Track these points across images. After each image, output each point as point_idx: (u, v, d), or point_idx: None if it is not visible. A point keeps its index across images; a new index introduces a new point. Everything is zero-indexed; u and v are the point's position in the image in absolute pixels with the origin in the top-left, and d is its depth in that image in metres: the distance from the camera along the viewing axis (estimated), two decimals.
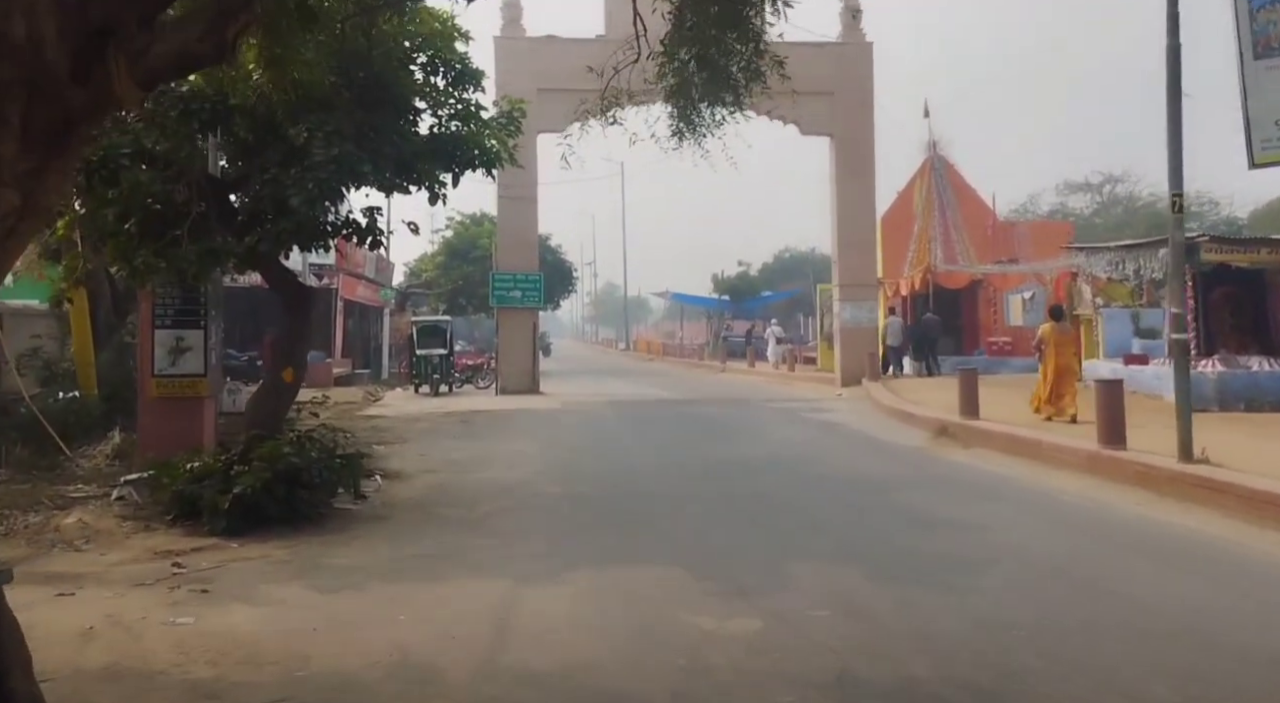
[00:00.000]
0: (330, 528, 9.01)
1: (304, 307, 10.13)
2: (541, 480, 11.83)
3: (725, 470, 12.50)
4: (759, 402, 23.80)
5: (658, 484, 11.53)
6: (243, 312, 35.34)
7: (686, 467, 12.96)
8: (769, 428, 17.84)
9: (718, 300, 56.44)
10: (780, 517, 9.42)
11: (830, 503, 10.14)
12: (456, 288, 41.27)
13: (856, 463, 13.15)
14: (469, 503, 10.28)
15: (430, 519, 9.47)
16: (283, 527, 8.84)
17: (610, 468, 13.00)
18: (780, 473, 12.30)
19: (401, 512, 9.84)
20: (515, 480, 11.80)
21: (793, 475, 12.08)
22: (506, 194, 26.14)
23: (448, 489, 11.28)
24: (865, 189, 27.22)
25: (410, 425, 18.91)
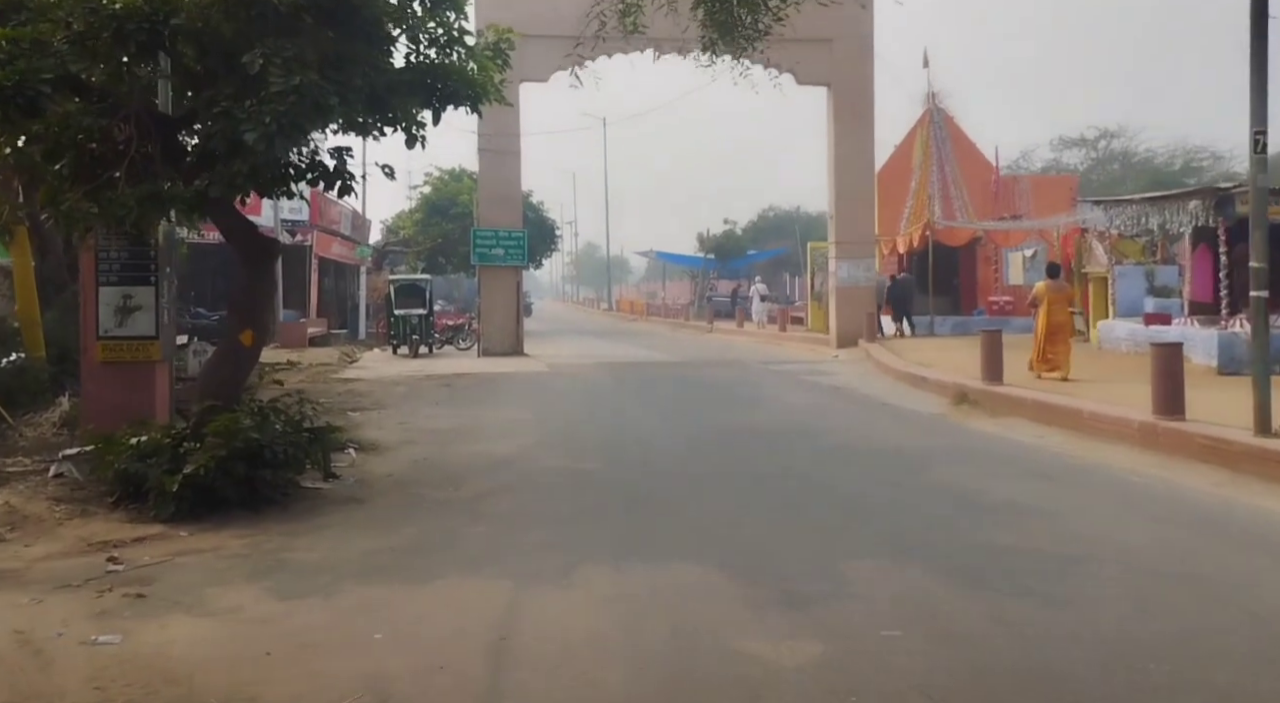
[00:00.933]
0: (296, 513, 7.82)
1: (265, 261, 8.81)
2: (538, 454, 10.66)
3: (739, 442, 11.37)
4: (755, 364, 22.69)
5: (669, 458, 10.37)
6: (214, 268, 33.95)
7: (696, 437, 11.82)
8: (773, 392, 16.73)
9: (703, 259, 55.17)
10: (814, 498, 8.29)
11: (864, 481, 9.01)
12: (436, 246, 39.83)
13: (879, 433, 12.04)
14: (457, 482, 9.11)
15: (413, 502, 8.29)
16: (241, 512, 7.67)
17: (612, 439, 11.83)
18: (801, 444, 11.17)
19: (379, 492, 8.66)
20: (508, 454, 10.62)
21: (815, 447, 10.95)
22: (488, 146, 24.76)
23: (432, 465, 10.10)
24: (863, 142, 25.96)
25: (389, 389, 17.70)
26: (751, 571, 6.02)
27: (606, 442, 11.57)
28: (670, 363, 23.60)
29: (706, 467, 9.88)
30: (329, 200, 37.14)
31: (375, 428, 12.75)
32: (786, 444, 11.23)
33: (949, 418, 12.97)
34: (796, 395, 16.21)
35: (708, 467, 9.88)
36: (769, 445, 11.14)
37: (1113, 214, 18.16)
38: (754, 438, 11.70)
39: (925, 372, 16.67)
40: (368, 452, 10.79)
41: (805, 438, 11.67)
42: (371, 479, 9.25)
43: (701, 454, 10.67)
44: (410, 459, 10.39)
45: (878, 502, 8.10)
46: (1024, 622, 5.03)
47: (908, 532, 7.02)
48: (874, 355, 21.56)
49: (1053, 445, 10.67)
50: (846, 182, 25.82)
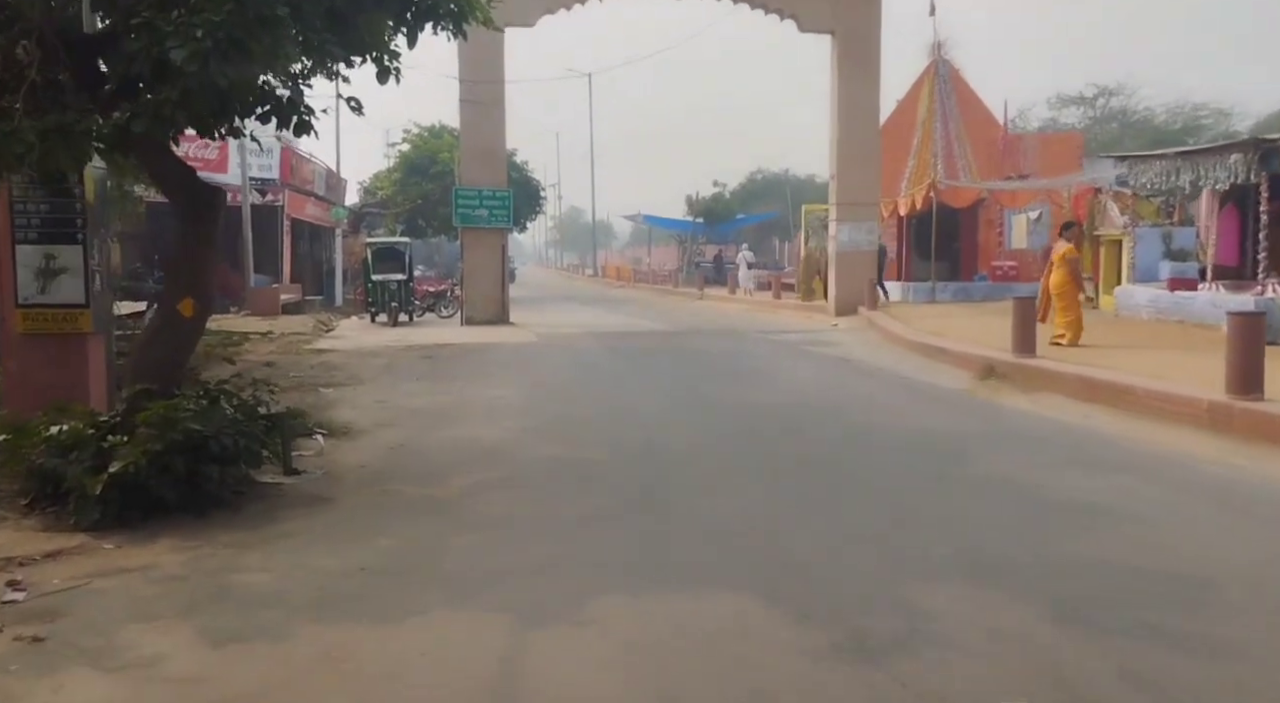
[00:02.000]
0: (250, 517, 6.64)
1: (207, 215, 7.45)
2: (531, 439, 9.46)
3: (751, 423, 10.21)
4: (752, 333, 21.53)
5: (677, 444, 9.18)
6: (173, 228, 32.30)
7: (704, 418, 10.67)
8: (778, 365, 15.57)
9: (692, 223, 53.80)
10: (850, 495, 7.13)
11: (902, 472, 7.86)
12: (415, 207, 38.31)
13: (903, 412, 10.90)
14: (440, 475, 7.92)
15: (388, 502, 7.10)
16: (183, 517, 6.48)
17: (612, 420, 10.64)
18: (819, 426, 10.03)
19: (350, 489, 7.46)
20: (498, 440, 9.44)
21: (839, 430, 9.81)
22: (470, 97, 23.34)
23: (411, 453, 8.91)
24: (869, 95, 24.65)
25: (365, 362, 16.46)
26: (799, 599, 4.87)
27: (605, 424, 10.39)
28: (664, 332, 22.39)
29: (720, 455, 8.71)
30: (301, 157, 35.67)
31: (349, 407, 11.56)
32: (804, 426, 10.09)
33: (976, 394, 11.84)
34: (803, 368, 15.06)
35: (722, 455, 8.71)
36: (785, 427, 9.99)
37: (1138, 171, 17.02)
38: (767, 418, 10.55)
39: (940, 342, 15.53)
40: (339, 437, 9.60)
41: (823, 418, 10.54)
42: (341, 472, 8.06)
43: (712, 439, 9.50)
44: (387, 446, 9.20)
45: (925, 500, 6.96)
46: (1171, 681, 3.89)
47: (974, 542, 5.87)
48: (878, 324, 20.45)
49: (1104, 427, 9.55)
50: (850, 138, 24.54)
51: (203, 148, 31.31)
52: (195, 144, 31.52)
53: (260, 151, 31.01)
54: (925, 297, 25.41)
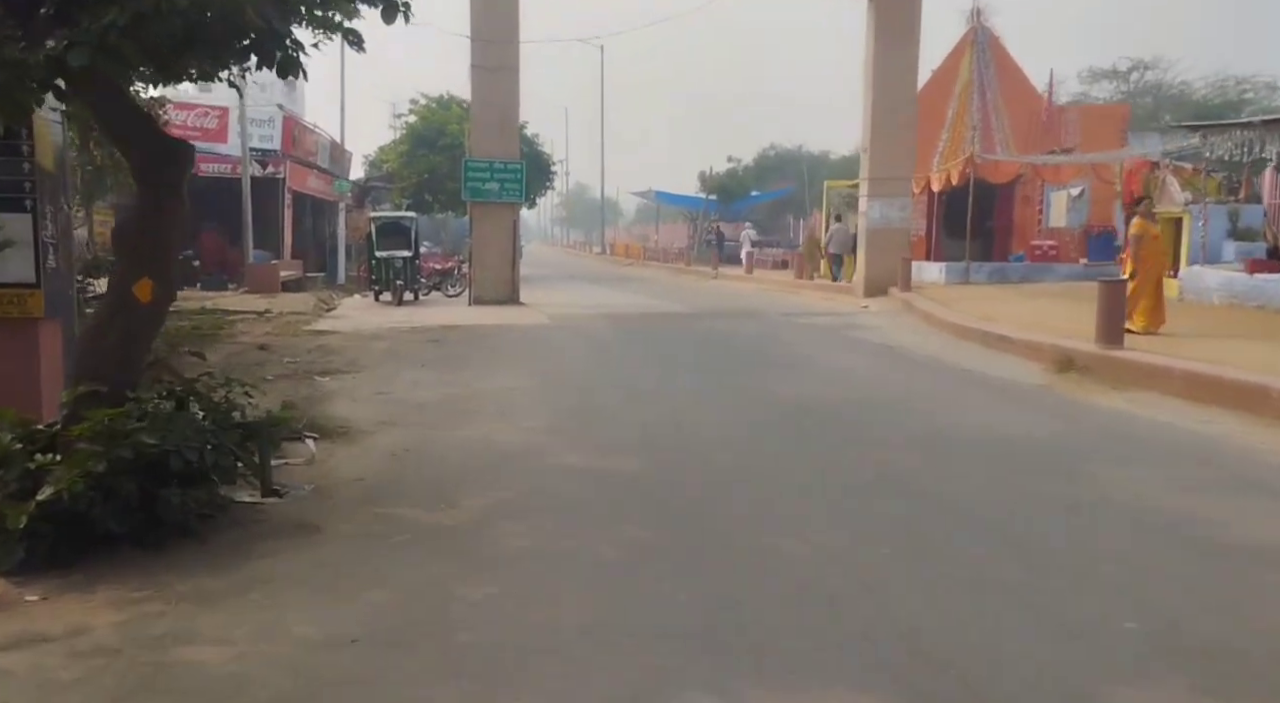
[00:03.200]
0: (218, 552, 5.35)
1: (170, 174, 6.08)
2: (553, 443, 8.14)
3: (804, 425, 8.89)
4: (777, 316, 20.17)
5: (722, 451, 7.85)
6: None
7: (746, 415, 9.33)
8: (816, 352, 14.23)
9: (704, 200, 52.32)
10: (963, 531, 5.74)
11: (1018, 497, 6.46)
12: (422, 181, 36.89)
13: (981, 413, 9.55)
14: (448, 492, 6.60)
15: (386, 532, 5.78)
16: (133, 553, 5.20)
17: (641, 418, 9.31)
18: (885, 429, 8.69)
19: (342, 512, 6.16)
20: (513, 443, 8.13)
21: (909, 434, 8.47)
22: (482, 62, 21.91)
23: (415, 462, 7.59)
24: (907, 63, 23.17)
25: (367, 346, 15.15)
26: None
27: (633, 423, 9.05)
28: (683, 314, 21.03)
29: (776, 465, 7.38)
30: (304, 128, 34.25)
31: (346, 400, 10.28)
32: (866, 429, 8.77)
33: (1056, 390, 10.49)
34: (843, 356, 13.71)
35: (777, 465, 7.38)
36: (845, 431, 8.67)
37: (1213, 142, 15.57)
38: (817, 417, 9.23)
39: (997, 328, 14.14)
40: (333, 439, 8.31)
41: (885, 418, 9.21)
42: (334, 487, 6.77)
43: (759, 443, 8.18)
44: (388, 452, 7.90)
45: (1060, 540, 5.60)
46: None
47: (1162, 611, 4.52)
48: (917, 307, 19.10)
49: (1240, 437, 8.14)
50: (885, 110, 23.07)
51: (202, 117, 30.07)
52: (194, 112, 30.23)
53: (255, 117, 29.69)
54: (959, 277, 24.00)
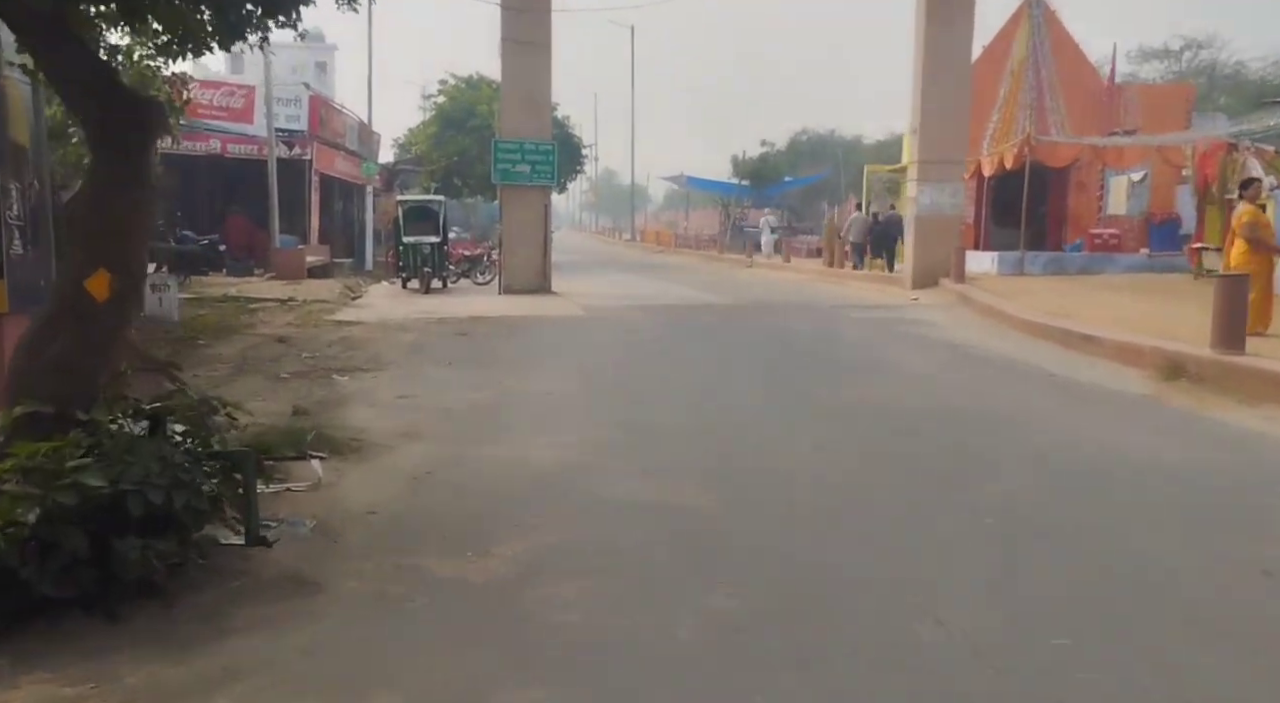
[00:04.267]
0: (186, 622, 4.25)
1: (134, 140, 4.85)
2: (601, 467, 6.98)
3: (901, 444, 7.69)
4: (826, 307, 18.94)
5: (817, 484, 6.59)
6: (204, 183, 30.15)
7: (827, 431, 8.11)
8: (880, 351, 13.00)
9: (736, 186, 50.91)
10: (1151, 608, 4.46)
11: (1193, 553, 5.20)
12: (451, 165, 35.75)
13: (1095, 430, 8.28)
14: (479, 532, 5.46)
15: (401, 593, 4.64)
16: (79, 623, 4.11)
17: (703, 432, 8.12)
18: (992, 449, 7.47)
19: (349, 561, 5.03)
20: (554, 464, 6.98)
21: (1022, 458, 7.22)
22: (512, 36, 20.69)
23: (439, 488, 6.47)
24: (961, 39, 21.73)
25: (392, 338, 14.07)
26: None
27: (694, 440, 7.88)
28: (726, 307, 19.78)
29: (880, 505, 6.15)
30: (332, 108, 33.16)
31: (365, 404, 9.21)
32: (965, 450, 7.55)
33: (1169, 402, 9.21)
34: (912, 356, 12.47)
35: (882, 505, 6.15)
36: (942, 453, 7.45)
37: None
38: (908, 435, 8.02)
39: (1082, 327, 12.81)
40: (345, 456, 7.21)
41: (983, 436, 7.98)
42: (341, 522, 5.66)
43: (854, 472, 6.97)
44: (407, 474, 6.77)
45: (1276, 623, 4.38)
46: None
47: None
48: (974, 300, 17.80)
49: None
50: (936, 88, 21.63)
51: (228, 96, 29.05)
52: (220, 91, 29.18)
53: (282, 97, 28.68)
54: (1013, 268, 22.65)
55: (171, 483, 4.61)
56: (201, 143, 27.27)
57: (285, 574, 4.85)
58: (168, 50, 15.03)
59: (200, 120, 27.43)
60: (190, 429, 5.21)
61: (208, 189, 30.25)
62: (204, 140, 27.33)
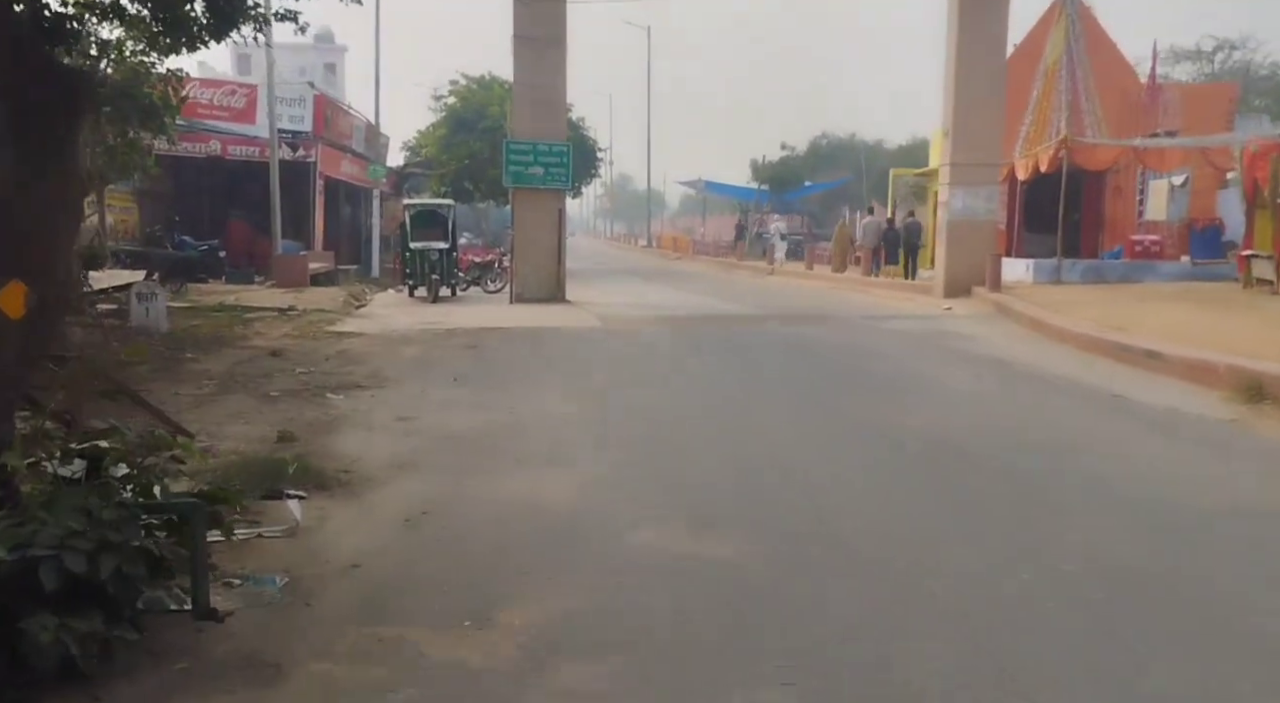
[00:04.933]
0: None
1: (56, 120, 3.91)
2: (623, 507, 6.04)
3: (964, 481, 6.73)
4: (856, 319, 17.96)
5: (873, 530, 5.64)
6: (204, 186, 29.33)
7: (882, 465, 7.16)
8: (920, 368, 12.05)
9: (756, 191, 49.97)
10: None
11: None
12: (461, 168, 34.87)
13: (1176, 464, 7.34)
14: (480, 597, 4.56)
15: (381, 684, 3.72)
16: None
17: (737, 464, 7.17)
18: (1070, 487, 6.53)
19: (319, 636, 4.14)
20: (571, 507, 6.06)
21: (1100, 495, 6.29)
22: (526, 33, 19.80)
23: (436, 536, 5.56)
24: (995, 37, 20.79)
25: (394, 352, 13.21)
26: None
27: (729, 474, 6.94)
28: (751, 317, 18.84)
29: (949, 557, 5.18)
30: (338, 108, 32.32)
31: (360, 428, 8.34)
32: (1034, 484, 6.64)
33: (1256, 429, 8.22)
34: (958, 375, 11.49)
35: (952, 557, 5.18)
36: (1010, 489, 6.53)
37: None
38: (967, 466, 7.09)
39: (1141, 341, 11.79)
40: (332, 492, 6.33)
41: (1050, 468, 7.05)
42: (318, 579, 4.79)
43: (913, 514, 6.01)
44: (401, 515, 5.87)
45: None
46: None
47: None
48: (1014, 311, 16.82)
49: None
50: (970, 88, 20.65)
51: (229, 95, 28.30)
52: (221, 90, 28.40)
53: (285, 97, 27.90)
54: (1049, 276, 21.61)
55: (99, 545, 3.73)
56: (201, 144, 26.56)
57: (241, 654, 3.95)
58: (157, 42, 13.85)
59: (199, 120, 26.73)
60: (133, 473, 4.31)
61: (208, 192, 29.53)
62: (204, 141, 26.60)
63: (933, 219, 27.93)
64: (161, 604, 4.16)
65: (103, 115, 20.04)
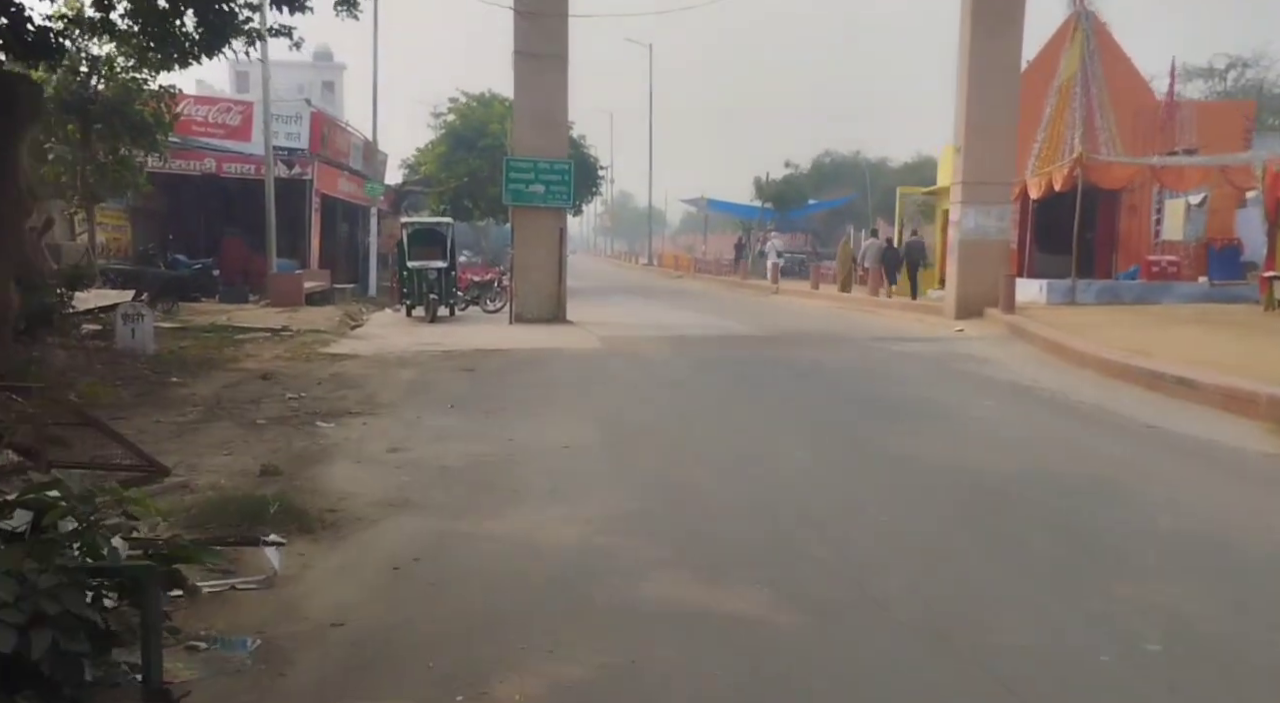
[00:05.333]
0: None
1: None
2: (633, 555, 5.50)
3: (1010, 524, 6.19)
4: (867, 341, 17.42)
5: (918, 588, 5.09)
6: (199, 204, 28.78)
7: (915, 506, 6.60)
8: (945, 396, 11.46)
9: (759, 209, 49.49)
10: None
11: None
12: (461, 186, 34.41)
13: (1234, 506, 6.79)
14: (476, 666, 4.05)
15: None
16: None
17: (764, 511, 6.59)
18: (1124, 533, 5.98)
19: None
20: (575, 555, 5.53)
21: (1152, 538, 5.76)
22: (526, 48, 19.36)
23: (427, 587, 5.05)
24: (1009, 52, 20.28)
25: (389, 375, 12.70)
26: None
27: (745, 515, 6.41)
28: (758, 338, 18.32)
29: (1000, 616, 4.66)
30: (335, 125, 31.88)
31: (349, 460, 7.84)
32: (1082, 525, 6.11)
33: None
34: (979, 401, 10.96)
35: (1003, 616, 4.66)
36: (1056, 530, 6.00)
37: None
38: (1008, 507, 6.55)
39: (1170, 367, 11.23)
40: (315, 534, 5.81)
41: (1096, 508, 6.51)
42: (294, 640, 4.31)
43: (951, 562, 5.48)
44: (389, 561, 5.37)
45: None
46: None
47: None
48: (1031, 333, 16.28)
49: None
50: (983, 105, 20.15)
51: (224, 112, 27.89)
52: (216, 107, 27.95)
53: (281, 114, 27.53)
54: (1063, 297, 21.12)
55: (31, 618, 3.20)
56: (196, 161, 26.21)
57: None
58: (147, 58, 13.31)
59: (194, 138, 26.39)
60: (80, 529, 3.79)
61: (203, 211, 29.10)
62: (198, 158, 26.24)
63: (940, 238, 27.54)
64: (110, 681, 3.63)
65: (94, 132, 19.67)
